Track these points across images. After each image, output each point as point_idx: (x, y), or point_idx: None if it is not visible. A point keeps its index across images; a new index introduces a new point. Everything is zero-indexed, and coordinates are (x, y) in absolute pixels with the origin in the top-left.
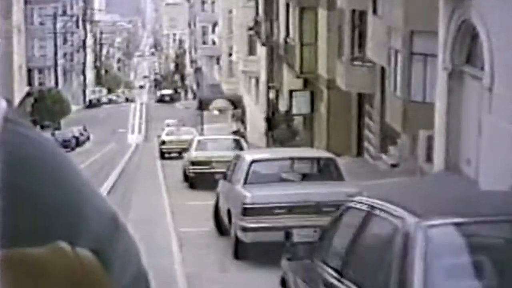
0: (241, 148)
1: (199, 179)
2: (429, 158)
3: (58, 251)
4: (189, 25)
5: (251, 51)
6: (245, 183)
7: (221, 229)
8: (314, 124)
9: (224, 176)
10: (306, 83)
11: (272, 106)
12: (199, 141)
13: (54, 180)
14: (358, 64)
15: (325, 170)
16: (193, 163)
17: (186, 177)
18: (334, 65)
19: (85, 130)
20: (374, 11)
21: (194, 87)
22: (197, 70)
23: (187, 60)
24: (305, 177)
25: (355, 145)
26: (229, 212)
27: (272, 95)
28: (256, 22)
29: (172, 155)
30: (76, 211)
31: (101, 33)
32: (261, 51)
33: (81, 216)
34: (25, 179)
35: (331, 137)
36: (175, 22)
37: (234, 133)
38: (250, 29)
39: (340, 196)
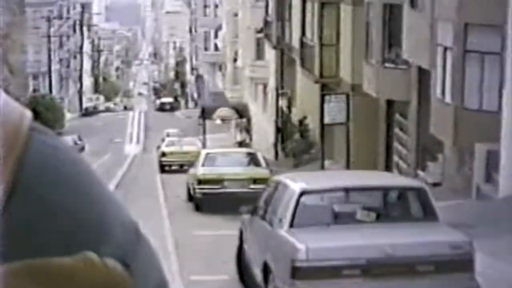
0: (256, 164)
1: (207, 200)
2: (489, 178)
3: (86, 261)
4: (190, 31)
5: (259, 55)
6: (292, 225)
7: (247, 282)
8: (334, 135)
9: (253, 210)
10: (323, 89)
11: (282, 115)
12: (207, 155)
13: (77, 189)
14: (390, 66)
15: (411, 206)
16: (201, 181)
17: (191, 197)
18: (359, 68)
19: (80, 139)
20: (412, 3)
21: (195, 95)
22: (198, 77)
23: (188, 68)
24: (381, 216)
25: (382, 160)
26: (265, 267)
27: (283, 102)
28: (266, 24)
29: (173, 168)
30: (100, 222)
31: (99, 39)
32: (270, 55)
33: (105, 227)
34: (49, 188)
35: (355, 150)
36: (175, 30)
37: (239, 144)
38: (259, 31)
39: (442, 248)
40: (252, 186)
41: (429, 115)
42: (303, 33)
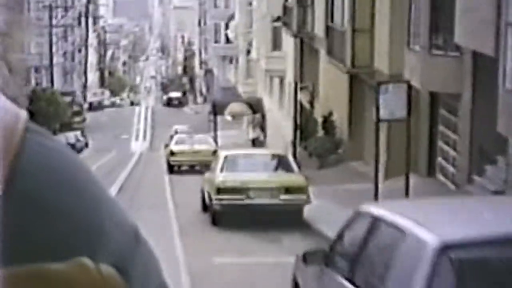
0: (287, 168)
1: (227, 213)
2: None
3: (80, 267)
4: (199, 23)
5: (276, 46)
6: None
7: None
8: (365, 131)
9: (326, 258)
10: (352, 81)
11: (302, 111)
12: (227, 158)
13: (74, 192)
14: (439, 53)
15: None
16: (220, 190)
17: (205, 206)
18: (398, 56)
19: (83, 135)
20: None
21: (204, 90)
22: (208, 72)
23: (196, 62)
24: None
25: (424, 162)
26: None
27: (302, 97)
28: (285, 11)
29: (183, 168)
30: (97, 225)
31: (105, 32)
32: (288, 45)
33: (102, 230)
34: (44, 190)
35: (391, 150)
36: (183, 25)
37: (253, 141)
38: (276, 20)
39: None
40: (283, 197)
41: (486, 110)
42: (331, 18)
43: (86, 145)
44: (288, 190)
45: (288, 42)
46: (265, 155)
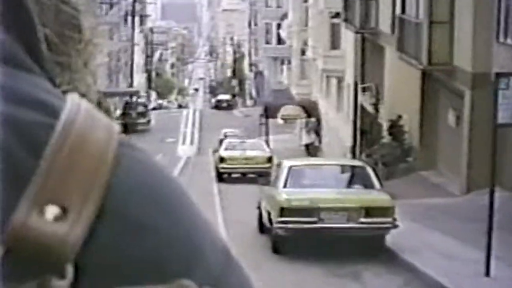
0: (366, 183)
1: (293, 239)
2: None
3: None
4: (249, 24)
5: (334, 44)
6: None
7: None
8: (438, 137)
9: None
10: (424, 81)
11: (363, 114)
12: (291, 170)
13: (171, 210)
14: None
15: None
16: (284, 210)
17: (262, 227)
18: (483, 51)
19: None
20: None
21: (254, 93)
22: (258, 74)
23: (246, 64)
24: None
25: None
26: None
27: (364, 99)
28: (346, 5)
29: (234, 175)
30: (192, 245)
31: (152, 32)
32: (347, 43)
33: (197, 250)
34: (142, 210)
35: (473, 161)
36: (233, 28)
37: (306, 147)
38: (335, 16)
39: None
40: (364, 220)
41: None
42: (402, 9)
43: None
44: (369, 211)
45: (348, 40)
46: (338, 166)
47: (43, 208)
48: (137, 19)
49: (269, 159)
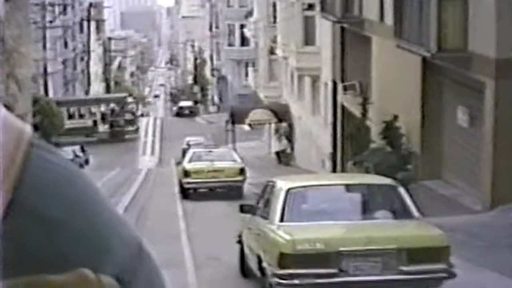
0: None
1: None
2: None
3: (81, 279)
4: (210, 27)
5: (308, 40)
6: None
7: None
8: (443, 140)
9: None
10: (425, 73)
11: (344, 115)
12: (289, 194)
13: (77, 206)
14: None
15: None
16: (286, 258)
17: (244, 268)
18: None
19: (83, 150)
20: None
21: (216, 99)
22: (220, 79)
23: (208, 70)
24: None
25: None
26: None
27: (348, 98)
28: None
29: (201, 190)
30: (100, 239)
31: (110, 39)
32: (324, 38)
33: (105, 244)
34: (47, 205)
35: (498, 168)
36: (193, 35)
37: (277, 154)
38: (308, 7)
39: None
40: (407, 268)
41: None
42: None
43: (87, 161)
44: (413, 254)
45: (324, 34)
46: (356, 186)
47: None
48: (93, 26)
49: (241, 171)
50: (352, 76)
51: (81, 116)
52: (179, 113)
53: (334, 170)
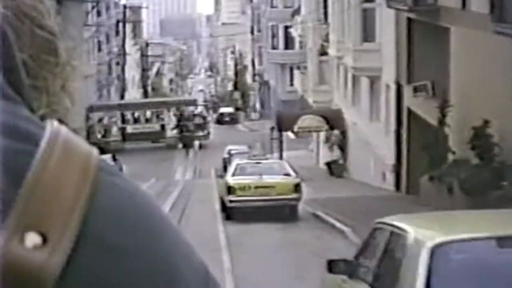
0: None
1: None
2: None
3: None
4: (252, 31)
5: (367, 36)
6: None
7: None
8: None
9: None
10: None
11: (413, 121)
12: (436, 253)
13: (147, 234)
14: None
15: None
16: None
17: None
18: None
19: (114, 159)
20: None
21: (258, 105)
22: (263, 84)
23: (249, 76)
24: None
25: None
26: None
27: (418, 102)
28: None
29: (247, 210)
30: (171, 268)
31: (147, 44)
32: (386, 33)
33: (176, 273)
34: (120, 235)
35: None
36: (233, 41)
37: (328, 166)
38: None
39: None
40: None
41: None
42: None
43: (121, 170)
44: None
45: (385, 28)
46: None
47: (23, 235)
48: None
49: (297, 187)
50: (422, 75)
51: (147, 120)
52: (219, 120)
53: (397, 184)
